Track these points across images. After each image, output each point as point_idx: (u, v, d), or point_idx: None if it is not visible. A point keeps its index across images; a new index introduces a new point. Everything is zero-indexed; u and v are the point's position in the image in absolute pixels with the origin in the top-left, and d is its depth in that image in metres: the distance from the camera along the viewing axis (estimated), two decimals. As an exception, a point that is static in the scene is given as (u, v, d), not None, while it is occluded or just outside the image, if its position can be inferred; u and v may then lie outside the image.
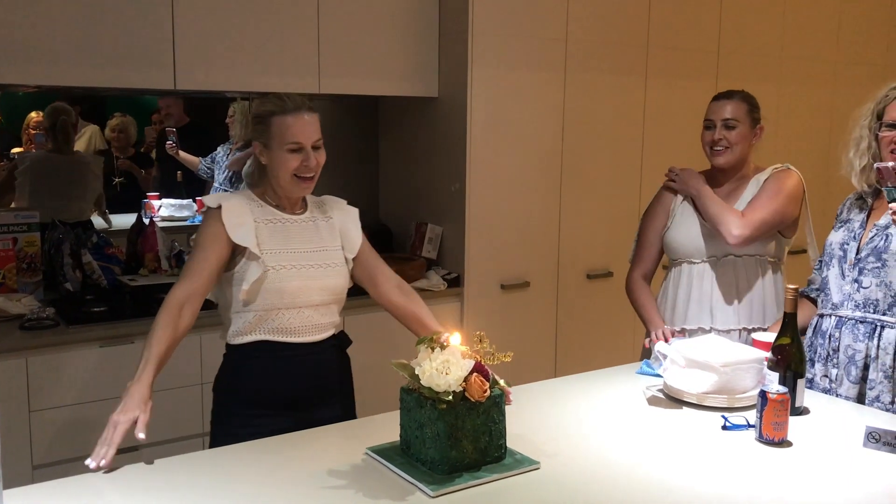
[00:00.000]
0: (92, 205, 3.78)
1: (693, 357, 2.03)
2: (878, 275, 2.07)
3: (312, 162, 1.96)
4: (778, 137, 4.04)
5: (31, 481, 1.68)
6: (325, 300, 2.03)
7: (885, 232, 2.10)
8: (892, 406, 2.04)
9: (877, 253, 2.09)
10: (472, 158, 3.30)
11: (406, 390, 1.66)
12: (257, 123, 1.99)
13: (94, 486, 1.56)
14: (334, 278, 2.04)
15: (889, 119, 2.08)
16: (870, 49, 4.57)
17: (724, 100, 2.49)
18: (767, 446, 1.78)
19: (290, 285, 1.96)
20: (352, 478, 1.59)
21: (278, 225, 2.01)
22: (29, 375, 2.55)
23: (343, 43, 3.16)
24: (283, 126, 1.94)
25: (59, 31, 2.65)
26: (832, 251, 2.20)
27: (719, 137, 2.46)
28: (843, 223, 2.23)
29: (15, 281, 2.98)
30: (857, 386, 2.09)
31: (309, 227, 2.05)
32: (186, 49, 2.86)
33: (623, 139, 3.72)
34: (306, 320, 2.00)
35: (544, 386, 2.21)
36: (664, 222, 2.60)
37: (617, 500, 1.53)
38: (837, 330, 2.13)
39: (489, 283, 3.42)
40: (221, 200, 1.96)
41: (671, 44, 3.77)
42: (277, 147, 1.95)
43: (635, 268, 2.65)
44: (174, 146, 4.38)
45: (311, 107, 1.98)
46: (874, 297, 2.08)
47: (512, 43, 3.33)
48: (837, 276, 2.16)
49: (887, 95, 2.11)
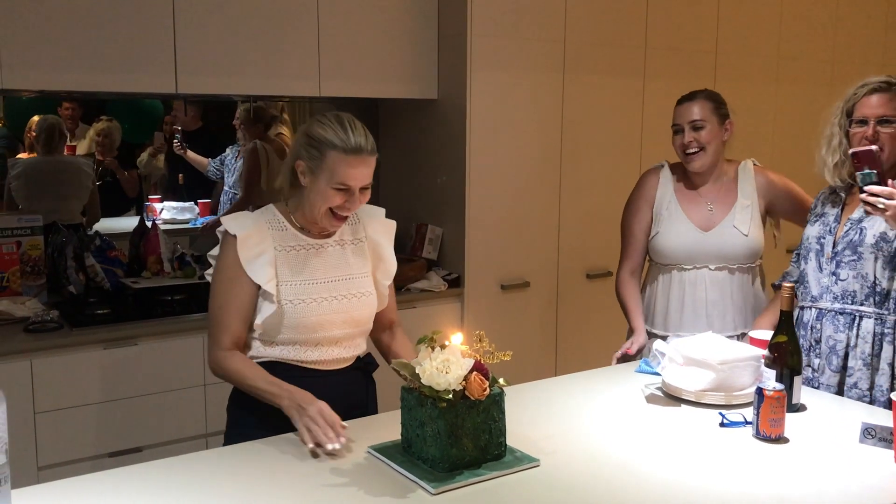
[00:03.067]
0: (82, 204, 3.86)
1: (691, 355, 2.05)
2: (855, 267, 2.14)
3: (356, 205, 1.83)
4: (775, 136, 4.07)
5: (36, 482, 1.70)
6: (347, 333, 1.92)
7: (859, 226, 2.17)
8: (870, 393, 2.12)
9: (852, 246, 2.15)
10: (471, 160, 3.32)
11: (407, 389, 1.68)
12: (310, 146, 1.81)
13: (99, 486, 1.58)
14: (360, 309, 1.92)
15: (858, 115, 2.15)
16: (866, 49, 4.59)
17: (688, 102, 2.48)
18: (765, 443, 1.80)
19: (308, 320, 1.85)
20: (353, 476, 1.61)
21: (301, 252, 1.88)
22: (34, 377, 2.57)
23: (343, 46, 3.18)
24: (337, 163, 1.78)
25: (61, 35, 2.67)
26: (809, 245, 2.26)
27: (690, 140, 2.45)
28: (818, 217, 2.29)
29: (19, 284, 3.01)
30: (838, 374, 2.16)
31: (335, 252, 1.92)
32: (187, 53, 2.87)
33: (622, 140, 3.74)
34: (325, 354, 1.90)
35: (544, 384, 2.23)
36: (649, 217, 2.56)
37: (616, 497, 1.55)
38: (818, 322, 2.20)
39: (489, 284, 3.44)
40: (238, 229, 1.83)
41: (669, 45, 3.79)
42: (325, 181, 1.79)
43: (624, 264, 2.60)
44: (180, 146, 4.41)
45: (373, 147, 1.82)
46: (851, 288, 2.15)
47: (510, 45, 3.35)
48: (815, 270, 2.23)
49: (856, 93, 2.18)
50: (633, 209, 2.62)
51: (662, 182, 2.58)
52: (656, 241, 2.54)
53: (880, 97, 2.13)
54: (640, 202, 2.60)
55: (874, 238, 2.12)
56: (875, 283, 2.12)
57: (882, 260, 2.11)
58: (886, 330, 2.11)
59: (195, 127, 4.59)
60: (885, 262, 2.10)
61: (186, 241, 3.90)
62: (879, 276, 2.11)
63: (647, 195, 2.58)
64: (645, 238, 2.58)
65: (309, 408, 1.71)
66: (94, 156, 4.20)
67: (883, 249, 2.11)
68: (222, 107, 4.58)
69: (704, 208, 2.51)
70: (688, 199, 2.54)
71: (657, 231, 2.54)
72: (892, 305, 2.10)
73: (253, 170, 4.13)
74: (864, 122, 2.14)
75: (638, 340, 2.44)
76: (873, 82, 2.15)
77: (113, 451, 2.71)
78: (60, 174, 3.84)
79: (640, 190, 2.62)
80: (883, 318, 2.11)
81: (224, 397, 2.87)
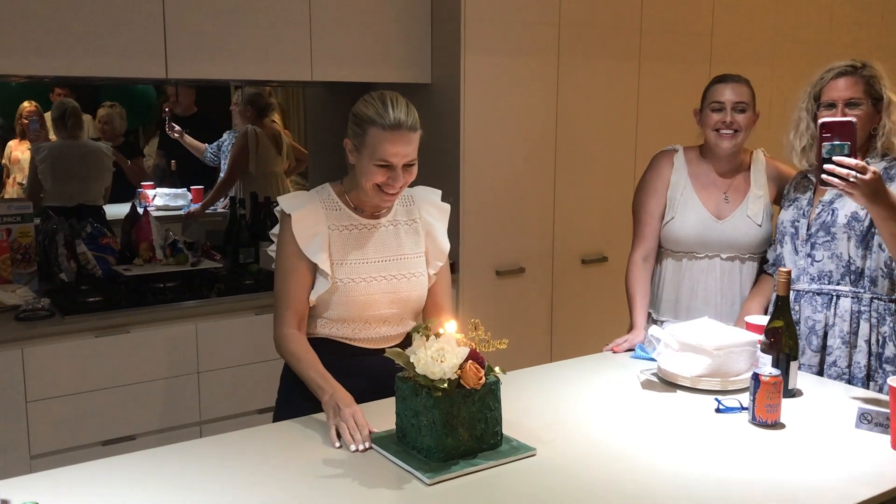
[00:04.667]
0: (105, 187, 3.96)
1: (686, 341, 2.04)
2: (829, 248, 2.20)
3: (399, 182, 1.85)
4: (772, 119, 4.04)
5: (29, 471, 1.69)
6: (395, 313, 1.95)
7: (830, 207, 2.22)
8: (849, 370, 2.18)
9: (826, 227, 2.21)
10: (465, 144, 3.29)
11: (401, 378, 1.67)
12: (354, 124, 1.87)
13: (92, 474, 1.57)
14: (409, 290, 1.95)
15: (826, 99, 2.21)
16: (863, 32, 4.56)
17: (734, 83, 2.42)
18: (761, 428, 1.80)
19: (358, 298, 1.90)
20: (348, 466, 1.60)
21: (354, 232, 1.93)
22: (25, 366, 2.55)
23: (335, 30, 3.14)
24: (378, 139, 1.81)
25: (50, 20, 2.63)
26: (784, 229, 2.32)
27: (732, 120, 2.40)
28: (791, 201, 2.33)
29: (10, 272, 2.98)
30: (818, 354, 2.21)
31: (388, 232, 1.96)
32: (178, 38, 2.83)
33: (617, 124, 3.72)
34: (373, 332, 1.94)
35: (539, 371, 2.22)
36: (664, 200, 2.50)
37: (613, 485, 1.54)
38: (797, 303, 2.26)
39: (484, 270, 3.42)
40: (293, 209, 1.89)
41: (665, 28, 3.76)
42: (367, 157, 1.83)
43: (637, 247, 2.53)
44: (177, 130, 4.37)
45: (415, 122, 1.84)
46: (827, 269, 2.21)
47: (505, 28, 3.32)
48: (791, 253, 2.29)
49: (822, 78, 2.24)
50: (649, 189, 2.54)
51: (677, 166, 2.52)
52: (670, 226, 2.48)
53: (847, 80, 2.18)
54: (657, 183, 2.52)
55: (846, 218, 2.17)
56: (850, 263, 2.17)
57: (855, 239, 2.16)
58: (863, 308, 2.17)
59: (190, 113, 4.56)
60: (857, 241, 2.16)
61: (179, 227, 3.87)
62: (853, 256, 2.17)
63: (664, 176, 2.52)
64: (660, 221, 2.51)
65: (345, 409, 1.74)
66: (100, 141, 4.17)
67: (855, 229, 2.16)
68: (221, 91, 4.55)
69: (719, 196, 2.47)
70: (702, 185, 2.49)
71: (672, 216, 2.48)
72: (867, 283, 2.17)
73: (241, 152, 4.12)
74: (833, 106, 2.19)
75: (632, 340, 2.37)
76: (839, 66, 2.21)
77: (106, 439, 2.70)
78: (85, 158, 3.93)
79: (656, 170, 2.54)
80: (859, 297, 2.17)
81: (218, 385, 2.87)
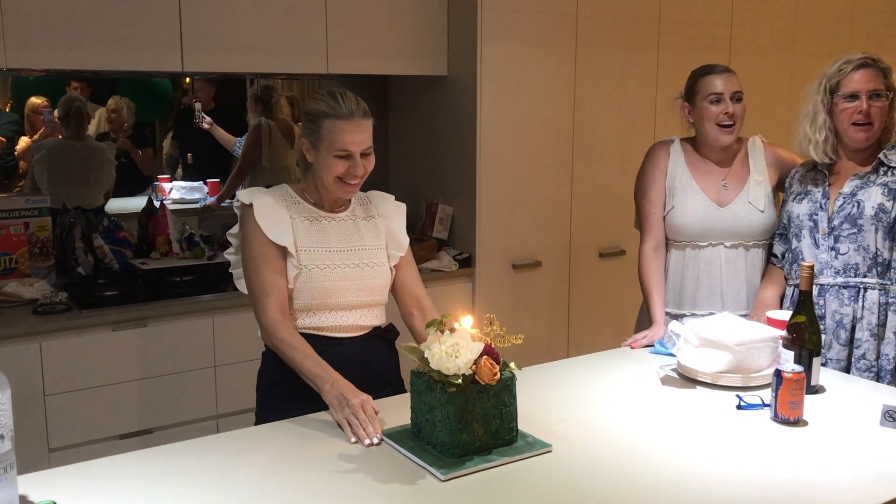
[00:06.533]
0: (104, 190, 3.82)
1: (707, 336, 2.01)
2: (856, 240, 2.18)
3: (360, 170, 1.89)
4: (792, 106, 3.98)
5: (47, 464, 1.70)
6: (362, 301, 1.96)
7: (853, 199, 2.20)
8: (877, 363, 2.17)
9: (851, 219, 2.19)
10: (482, 137, 3.27)
11: (416, 373, 1.65)
12: (309, 122, 1.91)
13: (110, 469, 1.56)
14: (373, 278, 1.97)
15: (848, 91, 2.19)
16: (883, 19, 4.48)
17: (726, 73, 2.40)
18: (783, 426, 1.76)
19: (321, 285, 1.90)
20: (363, 461, 1.59)
21: (315, 223, 1.95)
22: (43, 359, 2.56)
23: (351, 22, 3.13)
24: (333, 131, 1.86)
25: (66, 14, 2.63)
26: (801, 223, 2.29)
27: (733, 111, 2.38)
28: (803, 194, 2.30)
29: (27, 266, 2.99)
30: (846, 348, 2.20)
31: (348, 225, 1.99)
32: (193, 31, 2.83)
33: (635, 116, 3.68)
34: (340, 320, 1.94)
35: (556, 366, 2.20)
36: (664, 188, 2.47)
37: (630, 483, 1.52)
38: (821, 297, 2.22)
39: (501, 263, 3.40)
40: (253, 198, 1.91)
41: (683, 17, 3.71)
42: (325, 150, 1.87)
43: (647, 239, 2.48)
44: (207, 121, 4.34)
45: (366, 111, 1.90)
46: (853, 261, 2.19)
47: (521, 19, 3.29)
48: (811, 246, 2.26)
49: (841, 70, 2.22)
50: (649, 179, 2.51)
51: (673, 156, 2.50)
52: (671, 216, 2.46)
53: (867, 72, 2.18)
54: (656, 171, 2.50)
55: (873, 210, 2.16)
56: (877, 254, 2.16)
57: (882, 231, 2.16)
58: (891, 300, 2.16)
59: (209, 108, 4.55)
60: (885, 232, 2.16)
61: (195, 221, 3.87)
62: (880, 247, 2.16)
63: (661, 165, 2.49)
64: (663, 210, 2.48)
65: (352, 399, 1.71)
66: (109, 135, 4.17)
67: (882, 220, 2.16)
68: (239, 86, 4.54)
69: (718, 183, 2.45)
70: (701, 173, 2.47)
71: (672, 205, 2.46)
72: (894, 275, 2.17)
73: (253, 145, 4.11)
74: (855, 97, 2.18)
75: (652, 336, 2.33)
76: (857, 58, 2.20)
77: (123, 433, 2.71)
78: (87, 160, 3.76)
79: (654, 160, 2.52)
80: (886, 288, 2.17)
81: (235, 379, 2.87)
